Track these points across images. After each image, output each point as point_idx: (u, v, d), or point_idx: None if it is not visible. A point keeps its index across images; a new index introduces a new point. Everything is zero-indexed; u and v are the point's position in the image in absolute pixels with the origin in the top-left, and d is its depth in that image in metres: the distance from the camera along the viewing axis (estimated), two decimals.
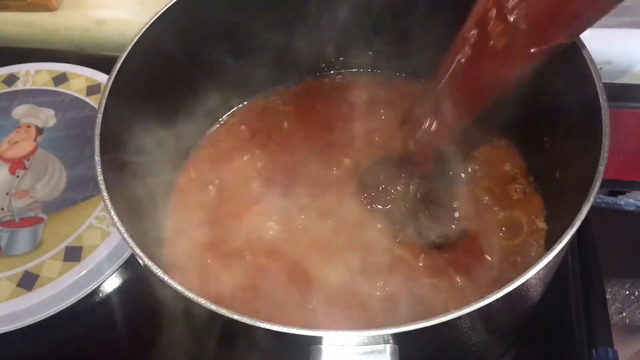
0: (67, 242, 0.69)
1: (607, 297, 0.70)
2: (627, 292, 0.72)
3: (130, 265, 0.71)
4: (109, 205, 0.47)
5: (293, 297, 0.56)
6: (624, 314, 0.71)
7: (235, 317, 0.40)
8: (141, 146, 0.59)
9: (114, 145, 0.54)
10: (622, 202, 0.78)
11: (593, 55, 0.80)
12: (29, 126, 0.82)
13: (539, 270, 0.42)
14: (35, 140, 0.81)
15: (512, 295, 0.42)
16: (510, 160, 0.65)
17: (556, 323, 0.64)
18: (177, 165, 0.68)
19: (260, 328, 0.40)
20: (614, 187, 0.80)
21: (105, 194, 0.47)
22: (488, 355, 0.57)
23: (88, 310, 0.69)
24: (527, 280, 0.41)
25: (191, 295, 0.42)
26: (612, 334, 0.63)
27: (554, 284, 0.56)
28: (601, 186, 0.77)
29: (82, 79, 0.85)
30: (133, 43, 0.56)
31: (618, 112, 0.81)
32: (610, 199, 0.78)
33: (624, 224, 0.78)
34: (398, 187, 0.62)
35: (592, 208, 0.75)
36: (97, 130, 0.51)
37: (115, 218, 0.46)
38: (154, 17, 0.58)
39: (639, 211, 0.77)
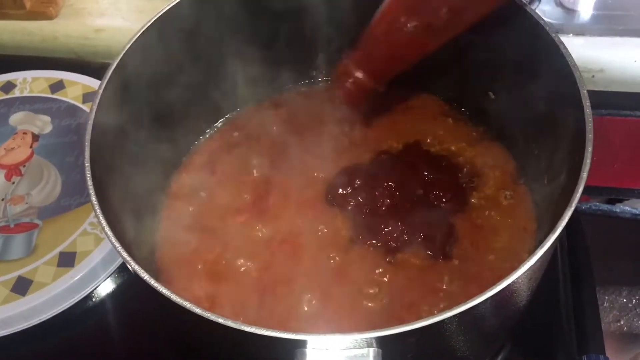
0: (61, 247, 0.70)
1: (604, 305, 0.70)
2: (625, 300, 0.72)
3: (124, 271, 0.71)
4: (98, 210, 0.47)
5: (281, 301, 0.57)
6: (622, 322, 0.70)
7: (220, 320, 0.41)
8: (133, 152, 0.59)
9: (106, 151, 0.54)
10: (618, 210, 0.78)
11: (585, 63, 0.81)
12: (25, 133, 0.83)
13: (522, 275, 0.42)
14: (31, 146, 0.81)
15: (497, 299, 0.42)
16: (501, 166, 0.66)
17: (546, 329, 0.64)
18: (169, 171, 0.68)
19: (245, 332, 0.40)
20: (610, 195, 0.80)
21: (94, 199, 0.48)
22: None
23: (81, 315, 0.69)
24: (511, 284, 0.42)
25: (177, 299, 0.42)
26: (604, 340, 0.63)
27: (544, 289, 0.56)
28: (598, 194, 0.78)
29: (78, 86, 0.86)
30: (125, 50, 0.57)
31: (611, 119, 0.82)
32: (605, 207, 0.78)
33: (620, 231, 0.78)
34: (364, 193, 0.63)
35: (587, 215, 0.75)
36: (88, 137, 0.51)
37: (104, 223, 0.46)
38: (145, 25, 0.59)
39: (635, 218, 0.77)
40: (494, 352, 0.62)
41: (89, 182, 0.49)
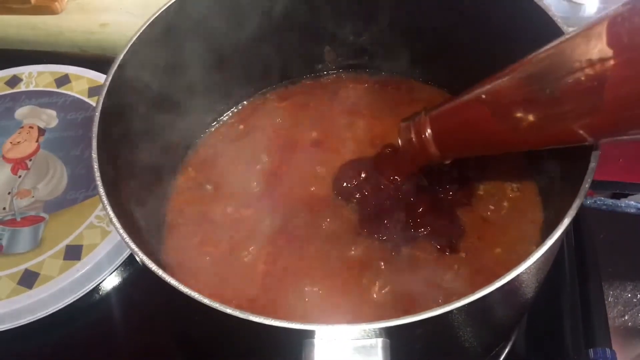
0: (68, 240, 0.70)
1: (609, 300, 0.70)
2: (629, 295, 0.72)
3: (130, 264, 0.71)
4: (105, 201, 0.47)
5: (288, 294, 0.56)
6: (626, 317, 0.70)
7: (228, 311, 0.41)
8: (139, 145, 0.59)
9: (112, 143, 0.54)
10: (623, 205, 0.78)
11: None
12: (31, 127, 0.83)
13: (530, 266, 0.42)
14: (37, 140, 0.81)
15: (504, 291, 0.42)
16: (507, 158, 0.65)
17: (553, 322, 0.64)
18: (176, 164, 0.68)
19: (252, 322, 0.40)
20: (615, 190, 0.80)
21: (101, 190, 0.48)
22: (481, 352, 0.57)
23: (87, 308, 0.69)
24: (518, 275, 0.42)
25: (184, 290, 0.42)
26: (610, 334, 0.63)
27: (550, 283, 0.56)
28: (603, 189, 0.78)
29: (84, 80, 0.87)
30: (130, 44, 0.57)
31: None
32: (610, 201, 0.78)
33: (625, 226, 0.78)
34: (370, 186, 0.62)
35: (593, 210, 0.75)
36: (95, 128, 0.51)
37: (111, 213, 0.46)
38: (150, 18, 0.59)
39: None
40: (501, 344, 0.61)
41: (97, 174, 0.49)
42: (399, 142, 0.60)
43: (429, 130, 0.56)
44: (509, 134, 0.50)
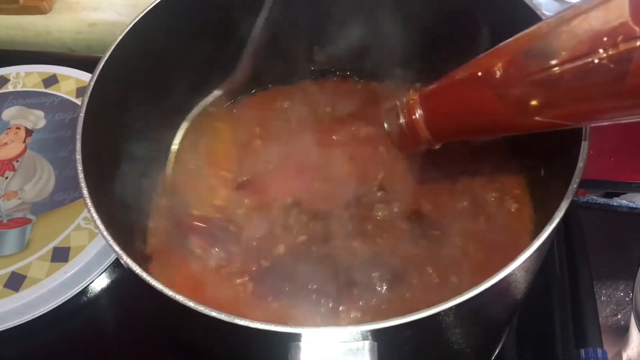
0: (55, 242, 0.70)
1: (601, 299, 0.70)
2: (622, 294, 0.72)
3: (118, 266, 0.71)
4: (89, 202, 0.46)
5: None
6: (619, 316, 0.70)
7: (213, 314, 0.40)
8: (125, 145, 0.59)
9: (98, 144, 0.54)
10: (615, 203, 0.78)
11: None
12: (18, 128, 0.82)
13: (519, 267, 0.42)
14: (24, 141, 0.81)
15: (494, 291, 0.42)
16: (497, 159, 0.65)
17: (544, 323, 0.64)
18: (161, 163, 0.68)
19: (238, 325, 0.40)
20: (607, 189, 0.80)
21: (85, 191, 0.47)
22: (471, 352, 0.56)
23: (75, 310, 0.69)
24: (507, 276, 0.41)
25: (169, 292, 0.42)
26: (602, 334, 0.63)
27: (541, 283, 0.56)
28: (595, 188, 0.77)
29: (72, 80, 0.86)
30: (116, 43, 0.57)
31: None
32: (602, 200, 0.78)
33: (617, 225, 0.78)
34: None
35: (584, 209, 0.75)
36: (79, 129, 0.51)
37: (95, 215, 0.46)
38: (137, 17, 0.58)
39: (632, 212, 0.77)
40: (491, 345, 0.61)
41: (81, 175, 0.49)
42: (385, 127, 0.54)
43: (419, 111, 0.50)
44: (512, 115, 0.45)
